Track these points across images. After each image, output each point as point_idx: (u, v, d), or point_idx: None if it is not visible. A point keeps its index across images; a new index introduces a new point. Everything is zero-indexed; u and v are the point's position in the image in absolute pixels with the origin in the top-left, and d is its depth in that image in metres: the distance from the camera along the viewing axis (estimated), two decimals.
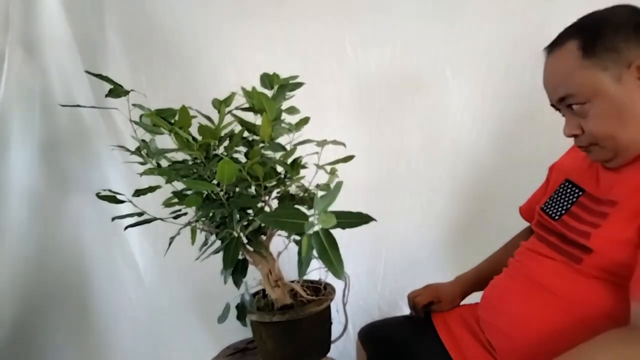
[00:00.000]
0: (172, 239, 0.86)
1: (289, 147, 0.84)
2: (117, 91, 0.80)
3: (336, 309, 1.03)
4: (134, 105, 0.81)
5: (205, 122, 0.80)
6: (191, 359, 1.40)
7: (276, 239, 0.90)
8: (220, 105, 0.83)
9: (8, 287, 1.27)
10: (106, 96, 0.80)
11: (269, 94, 0.84)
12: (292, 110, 0.89)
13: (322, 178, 0.87)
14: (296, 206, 0.73)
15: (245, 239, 0.84)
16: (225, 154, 0.81)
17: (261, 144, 0.81)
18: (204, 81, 1.28)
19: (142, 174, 0.82)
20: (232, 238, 0.79)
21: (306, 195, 0.90)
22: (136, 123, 0.81)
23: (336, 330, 1.01)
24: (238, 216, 0.79)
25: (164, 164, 0.85)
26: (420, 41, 1.27)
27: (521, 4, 1.21)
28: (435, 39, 1.27)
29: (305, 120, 0.87)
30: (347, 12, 1.27)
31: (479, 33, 1.25)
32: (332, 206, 0.62)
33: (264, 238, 0.88)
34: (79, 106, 0.95)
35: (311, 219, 0.59)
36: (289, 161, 0.86)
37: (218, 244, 0.84)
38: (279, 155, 0.85)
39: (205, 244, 0.89)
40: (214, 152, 0.81)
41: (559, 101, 0.72)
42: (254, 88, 0.82)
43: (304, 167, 0.89)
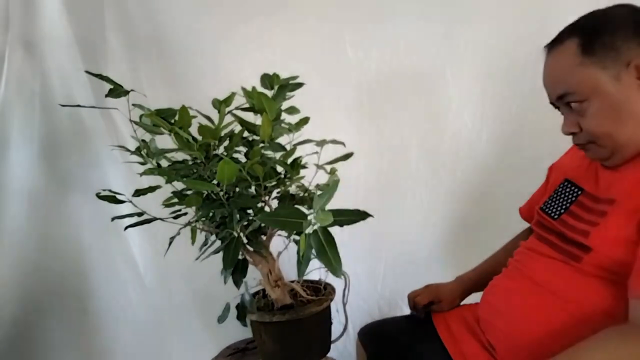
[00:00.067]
0: (172, 239, 0.86)
1: (288, 147, 0.84)
2: (117, 91, 0.80)
3: (336, 309, 1.03)
4: (134, 105, 0.81)
5: (205, 122, 0.80)
6: (191, 359, 1.40)
7: (276, 239, 0.90)
8: (220, 105, 0.83)
9: (8, 287, 1.26)
10: (106, 96, 0.80)
11: (269, 94, 0.84)
12: (292, 110, 0.89)
13: (322, 178, 0.87)
14: (296, 206, 0.73)
15: (245, 239, 0.84)
16: (225, 154, 0.81)
17: (261, 144, 0.81)
18: (204, 81, 1.28)
19: (142, 174, 0.82)
20: (232, 238, 0.79)
21: (306, 195, 0.89)
22: (136, 123, 0.81)
23: (336, 330, 1.01)
24: (238, 216, 0.79)
25: (164, 164, 0.85)
26: (420, 41, 1.27)
27: (521, 4, 1.21)
28: (435, 39, 1.27)
29: (305, 120, 0.87)
30: (347, 12, 1.27)
31: (479, 33, 1.25)
32: (332, 206, 0.62)
33: (264, 238, 0.88)
34: (79, 106, 0.95)
35: (310, 217, 0.59)
36: (289, 161, 0.86)
37: (218, 244, 0.84)
38: (279, 155, 0.85)
39: (205, 244, 0.89)
40: (214, 152, 0.81)
41: (558, 99, 0.73)
42: (254, 88, 0.82)
43: (303, 167, 0.89)
